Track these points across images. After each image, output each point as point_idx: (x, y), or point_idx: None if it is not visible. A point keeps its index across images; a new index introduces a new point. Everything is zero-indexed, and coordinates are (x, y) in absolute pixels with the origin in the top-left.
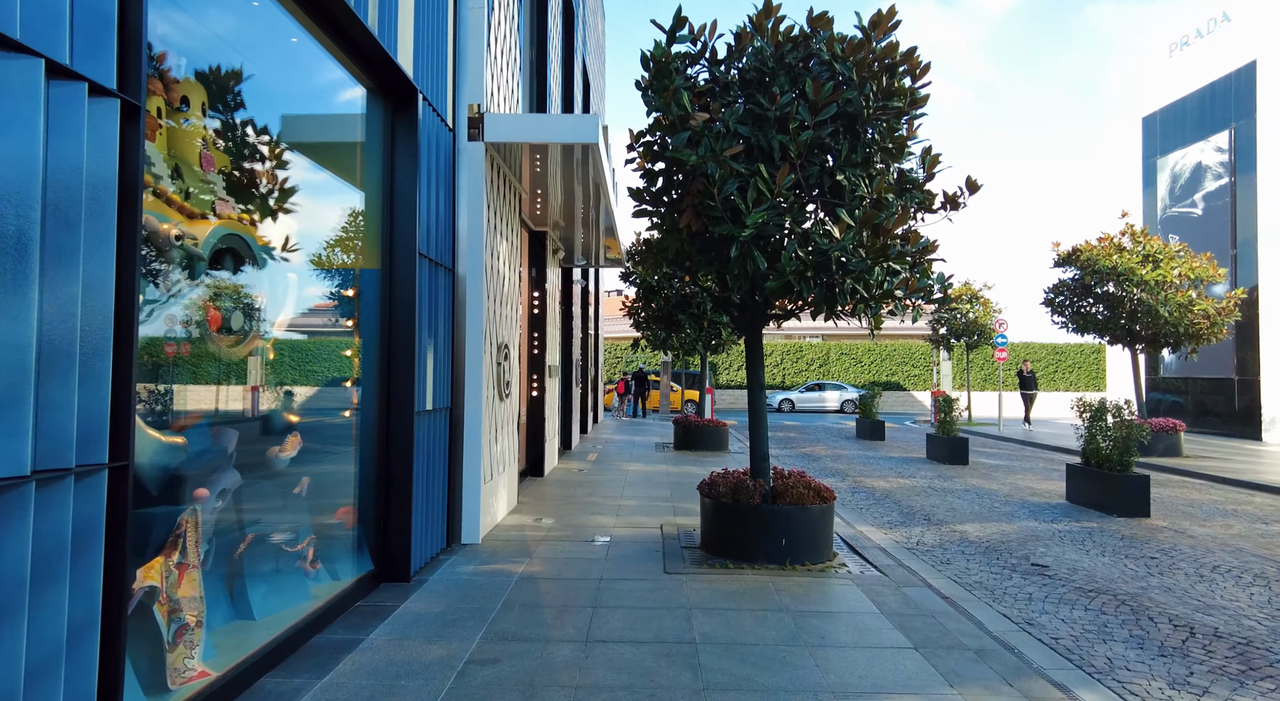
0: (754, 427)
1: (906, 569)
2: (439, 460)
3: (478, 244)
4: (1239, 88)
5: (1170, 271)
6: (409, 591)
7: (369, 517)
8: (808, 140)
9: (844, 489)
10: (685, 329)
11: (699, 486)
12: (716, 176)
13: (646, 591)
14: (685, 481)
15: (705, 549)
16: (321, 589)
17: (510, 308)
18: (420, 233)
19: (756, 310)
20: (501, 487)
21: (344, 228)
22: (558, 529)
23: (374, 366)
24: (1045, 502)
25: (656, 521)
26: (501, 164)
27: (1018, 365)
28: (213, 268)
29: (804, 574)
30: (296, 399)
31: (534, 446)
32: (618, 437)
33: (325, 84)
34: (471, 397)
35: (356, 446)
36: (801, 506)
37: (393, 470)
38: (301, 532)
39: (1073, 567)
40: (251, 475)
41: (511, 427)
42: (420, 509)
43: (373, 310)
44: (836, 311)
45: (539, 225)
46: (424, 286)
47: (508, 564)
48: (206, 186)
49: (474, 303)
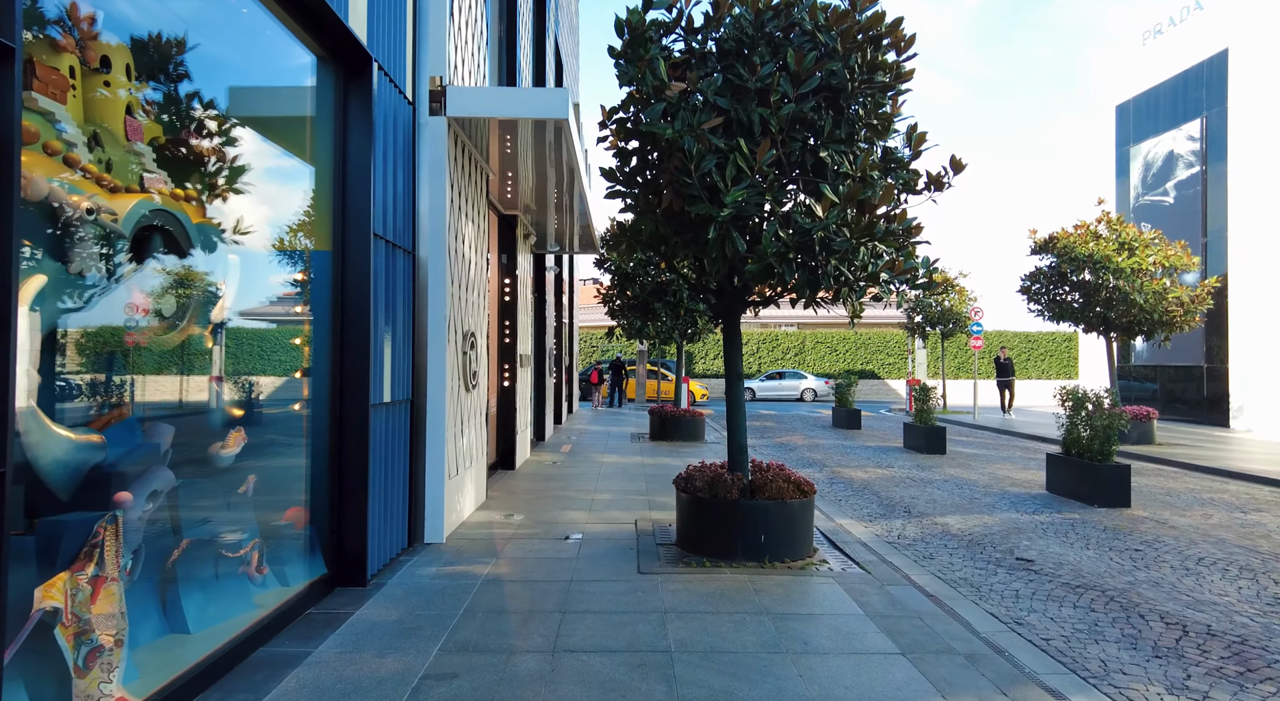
0: (732, 418)
1: (889, 565)
2: (399, 455)
3: (440, 225)
4: (1211, 76)
5: (1145, 259)
6: (365, 596)
7: (322, 518)
8: (789, 114)
9: (822, 480)
10: (661, 317)
11: (675, 481)
12: (694, 152)
13: (619, 594)
14: (661, 473)
15: (682, 546)
16: (268, 596)
17: (477, 294)
18: (375, 212)
19: (734, 296)
20: (468, 483)
21: (292, 206)
22: (528, 526)
23: (325, 356)
24: (1025, 493)
25: (631, 516)
26: (467, 141)
27: (995, 353)
28: (140, 247)
29: (784, 572)
30: (240, 391)
31: (505, 438)
32: (593, 428)
33: (271, 50)
34: (434, 389)
35: (308, 441)
36: (781, 501)
37: (346, 467)
38: (246, 535)
39: (1058, 562)
40: (190, 474)
41: (479, 420)
42: (377, 508)
43: (324, 295)
44: (818, 296)
45: (509, 209)
46: (380, 270)
47: (473, 565)
48: (133, 158)
49: (436, 288)
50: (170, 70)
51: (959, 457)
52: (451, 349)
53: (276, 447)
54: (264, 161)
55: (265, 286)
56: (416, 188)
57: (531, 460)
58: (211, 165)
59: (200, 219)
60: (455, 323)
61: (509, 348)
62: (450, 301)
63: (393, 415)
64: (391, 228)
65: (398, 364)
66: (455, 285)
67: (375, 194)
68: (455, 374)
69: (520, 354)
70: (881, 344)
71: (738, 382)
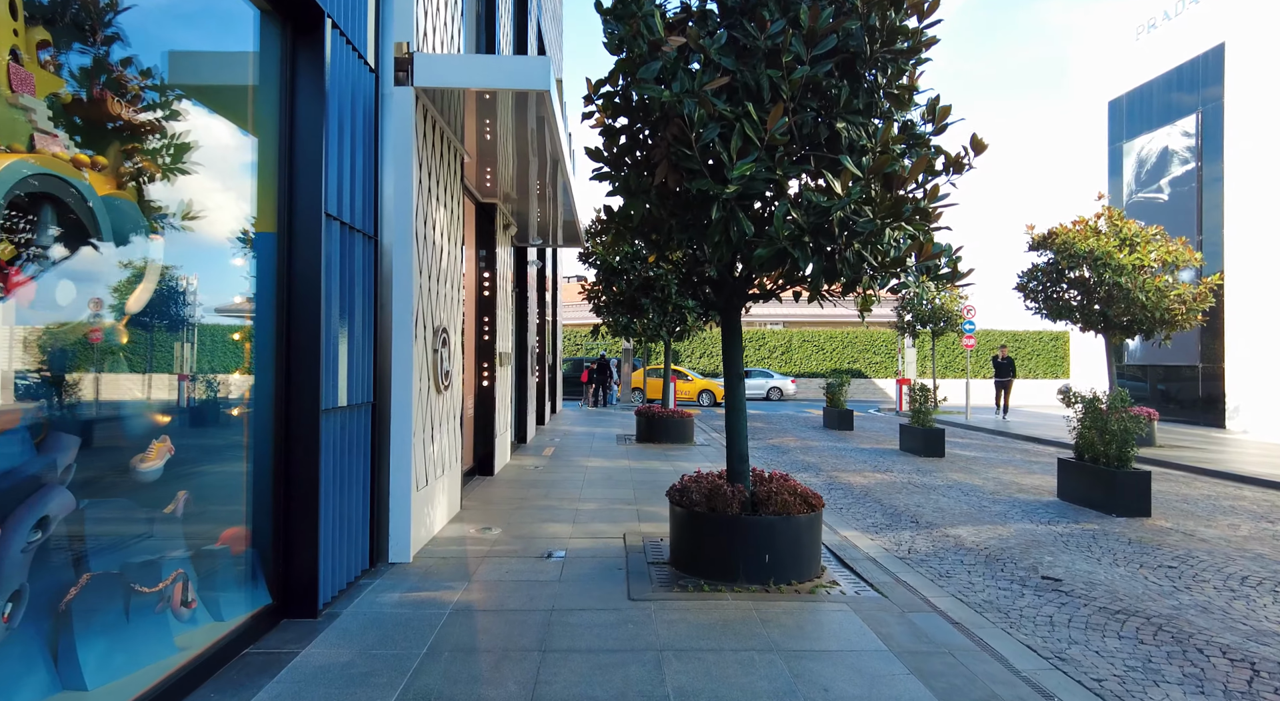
0: (731, 423)
1: (905, 586)
2: (358, 465)
3: (407, 208)
4: (1207, 70)
5: (1147, 255)
6: (315, 630)
7: (266, 539)
8: (802, 78)
9: (819, 485)
10: (648, 313)
11: (668, 493)
12: (695, 118)
13: (608, 626)
14: (650, 480)
15: (676, 565)
16: (196, 634)
17: (451, 286)
18: (329, 190)
19: (735, 288)
20: (440, 493)
21: (229, 180)
22: (505, 541)
23: (269, 353)
24: (1036, 500)
25: (619, 529)
26: (438, 118)
27: (992, 352)
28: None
29: (792, 596)
30: (166, 394)
31: (483, 442)
32: (577, 429)
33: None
34: (400, 390)
35: (249, 452)
36: (787, 516)
37: (295, 480)
38: (168, 564)
39: (1089, 581)
40: (101, 493)
41: (453, 423)
42: (332, 526)
43: (268, 283)
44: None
45: (487, 197)
46: (334, 255)
47: (442, 590)
48: (17, 113)
49: (403, 278)
50: (77, 15)
51: (959, 461)
52: (420, 346)
53: (212, 459)
54: (196, 128)
55: (196, 272)
56: (380, 166)
57: (512, 464)
58: (129, 130)
59: (111, 191)
60: (425, 317)
61: (487, 345)
62: (419, 293)
63: (351, 420)
64: (348, 208)
65: (357, 362)
66: (425, 275)
67: (328, 169)
68: (425, 373)
69: (500, 352)
70: (868, 342)
71: (738, 384)
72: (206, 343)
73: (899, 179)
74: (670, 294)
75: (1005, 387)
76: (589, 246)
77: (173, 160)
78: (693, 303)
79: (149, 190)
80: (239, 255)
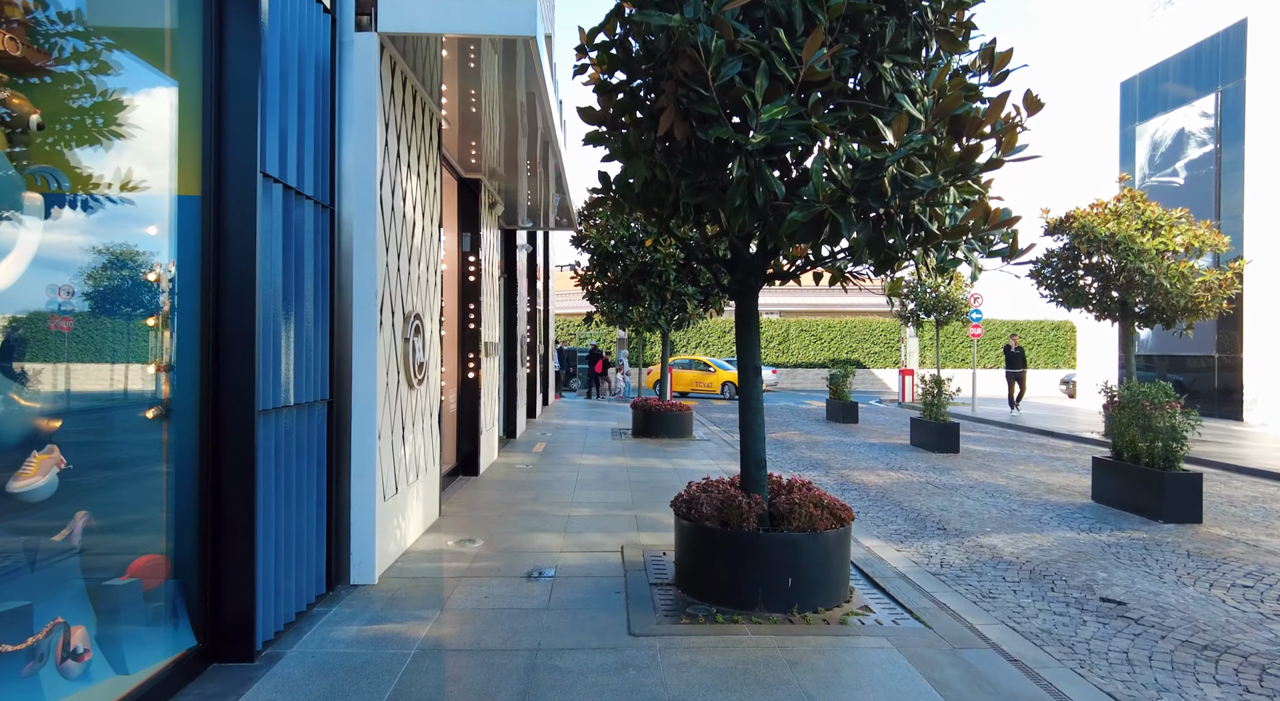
0: (745, 423)
1: (947, 612)
2: (311, 474)
3: (370, 174)
4: (1227, 48)
5: (1172, 239)
6: (250, 678)
7: (190, 568)
8: (842, 5)
9: (830, 485)
10: (645, 300)
11: (673, 503)
12: (712, 50)
13: (605, 671)
14: (649, 480)
15: (682, 587)
16: (91, 693)
17: (426, 267)
18: (268, 146)
19: (752, 266)
20: (413, 501)
21: (139, 131)
22: (487, 556)
23: (193, 342)
24: (1069, 503)
25: (616, 541)
26: (410, 74)
27: (1004, 341)
28: None
29: (821, 628)
30: (54, 395)
31: (467, 439)
32: (570, 423)
33: None
34: (363, 385)
35: (168, 463)
36: (813, 533)
37: (225, 494)
38: (45, 610)
39: (1157, 605)
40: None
41: (429, 421)
42: (273, 547)
43: (191, 256)
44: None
45: (471, 172)
46: (275, 224)
47: (409, 621)
48: None
49: (365, 254)
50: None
51: (975, 457)
52: (388, 334)
53: (122, 473)
54: (95, 67)
55: (96, 240)
56: (338, 124)
57: (500, 462)
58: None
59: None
60: (393, 300)
61: (473, 334)
62: (386, 273)
63: (301, 421)
64: (294, 170)
65: (308, 353)
66: (394, 253)
67: (266, 122)
68: (394, 365)
69: (486, 341)
70: (867, 332)
71: (755, 379)
72: (110, 330)
73: (973, 123)
74: (669, 280)
75: (1019, 379)
76: (582, 229)
77: (56, 101)
78: (692, 289)
79: (21, 138)
80: (154, 222)
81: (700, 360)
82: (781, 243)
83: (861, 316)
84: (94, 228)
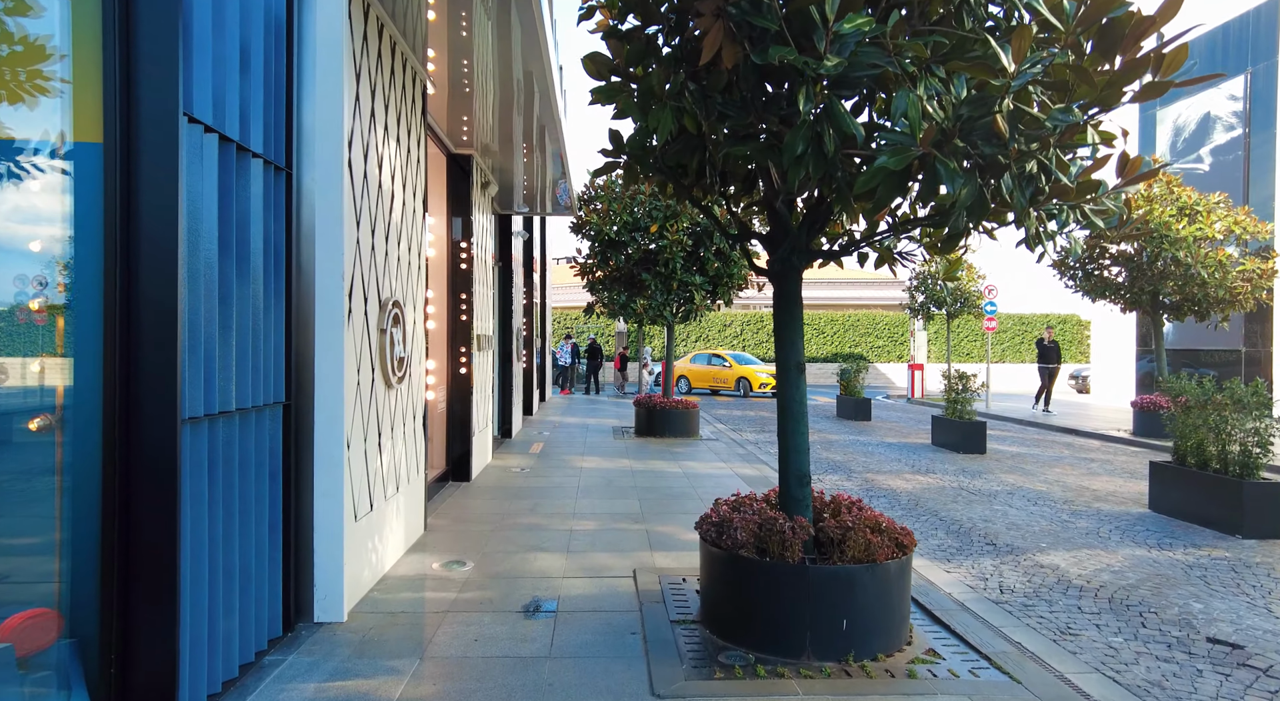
0: (785, 430)
1: (1028, 654)
2: (260, 493)
3: (337, 132)
4: (1258, 28)
5: (1210, 226)
6: None
7: (91, 623)
8: None
9: (855, 490)
10: (650, 290)
11: (698, 526)
12: None
13: None
14: (657, 485)
15: (710, 626)
16: None
17: (409, 249)
18: (197, 83)
19: (796, 241)
20: (392, 518)
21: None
22: (478, 583)
23: (96, 333)
24: (1124, 512)
25: (626, 562)
26: (388, 21)
27: (1038, 334)
28: None
29: (886, 683)
30: None
31: (458, 441)
32: (569, 420)
33: None
34: (328, 385)
35: (62, 488)
36: (871, 564)
37: (138, 526)
38: None
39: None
40: None
41: (413, 424)
42: (204, 587)
43: (92, 222)
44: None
45: (461, 147)
46: (209, 184)
47: (380, 675)
48: None
49: (330, 228)
50: None
51: (1004, 458)
52: (359, 324)
53: None
54: None
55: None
56: (296, 69)
57: (494, 465)
58: None
59: None
60: (366, 285)
61: (465, 326)
62: (358, 252)
63: (247, 430)
64: (236, 118)
65: (255, 346)
66: (367, 229)
67: (193, 50)
68: (367, 361)
69: (479, 334)
70: (871, 326)
71: (797, 378)
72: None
73: (1137, 25)
74: (675, 269)
75: (1052, 375)
76: (582, 214)
77: None
78: (700, 279)
79: None
80: (41, 176)
81: (719, 354)
82: (849, 205)
83: (865, 309)
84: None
